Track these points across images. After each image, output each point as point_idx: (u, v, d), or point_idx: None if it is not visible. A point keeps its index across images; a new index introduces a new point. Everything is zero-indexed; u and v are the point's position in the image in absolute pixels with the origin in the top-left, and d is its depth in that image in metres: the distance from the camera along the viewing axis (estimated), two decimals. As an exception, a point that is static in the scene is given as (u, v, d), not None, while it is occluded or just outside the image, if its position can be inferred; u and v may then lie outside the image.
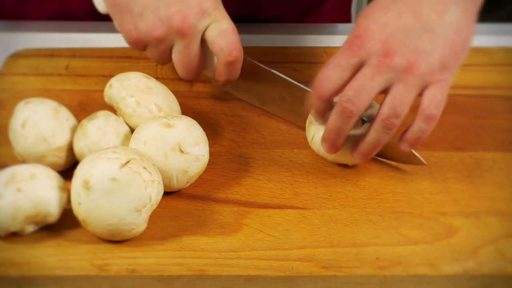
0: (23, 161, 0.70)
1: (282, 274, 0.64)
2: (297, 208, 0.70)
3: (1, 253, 0.64)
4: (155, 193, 0.65)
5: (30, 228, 0.66)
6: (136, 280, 0.63)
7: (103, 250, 0.65)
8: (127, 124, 0.72)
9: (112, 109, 0.74)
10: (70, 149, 0.70)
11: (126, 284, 0.64)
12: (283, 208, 0.69)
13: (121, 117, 0.73)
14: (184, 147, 0.68)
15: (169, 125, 0.69)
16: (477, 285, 0.65)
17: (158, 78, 0.76)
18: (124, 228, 0.64)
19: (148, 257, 0.64)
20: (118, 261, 0.64)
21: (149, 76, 0.75)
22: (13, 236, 0.65)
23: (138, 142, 0.68)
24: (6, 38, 0.89)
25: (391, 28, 0.65)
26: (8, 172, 0.65)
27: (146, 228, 0.66)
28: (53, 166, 0.69)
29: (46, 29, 0.90)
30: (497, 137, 0.78)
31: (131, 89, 0.73)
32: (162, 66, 0.83)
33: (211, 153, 0.71)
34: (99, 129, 0.70)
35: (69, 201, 0.66)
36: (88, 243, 0.65)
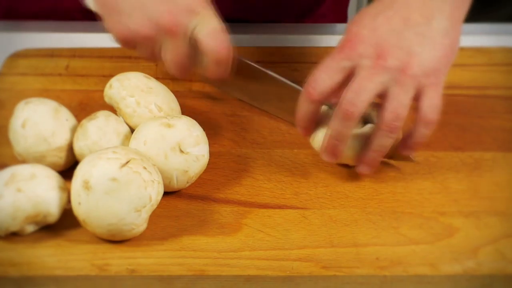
0: (23, 161, 0.70)
1: (282, 274, 0.64)
2: (297, 208, 0.70)
3: (1, 253, 0.64)
4: (155, 193, 0.65)
5: (30, 228, 0.66)
6: (136, 280, 0.63)
7: (103, 250, 0.65)
8: (127, 124, 0.72)
9: (112, 109, 0.73)
10: (70, 149, 0.70)
11: (126, 284, 0.64)
12: (283, 208, 0.69)
13: (121, 117, 0.73)
14: (184, 147, 0.68)
15: (169, 125, 0.69)
16: (477, 285, 0.65)
17: (158, 78, 0.76)
18: (124, 228, 0.64)
19: (148, 257, 0.64)
20: (118, 261, 0.64)
21: (149, 76, 0.75)
22: (13, 236, 0.65)
23: (138, 142, 0.68)
24: (6, 38, 0.89)
25: (381, 32, 0.67)
26: (8, 172, 0.65)
27: (146, 228, 0.66)
28: (53, 166, 0.69)
29: (46, 29, 0.90)
30: (497, 137, 0.78)
31: (131, 89, 0.73)
32: (162, 66, 0.83)
33: (211, 153, 0.71)
34: (99, 129, 0.70)
35: (69, 201, 0.66)
36: (88, 243, 0.65)
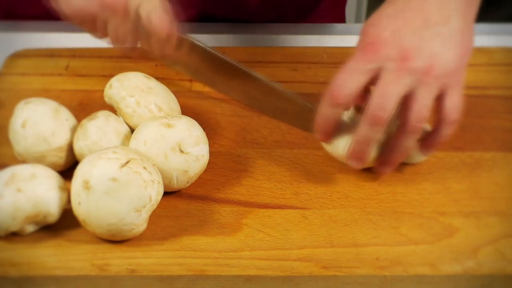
0: (23, 161, 0.70)
1: (282, 274, 0.64)
2: (297, 208, 0.69)
3: (1, 253, 0.64)
4: (155, 193, 0.65)
5: (30, 228, 0.66)
6: (136, 280, 0.63)
7: (103, 250, 0.65)
8: (127, 124, 0.72)
9: (112, 109, 0.73)
10: (70, 149, 0.70)
11: (126, 284, 0.64)
12: (283, 208, 0.69)
13: (121, 117, 0.73)
14: (184, 147, 0.68)
15: (169, 125, 0.69)
16: (477, 285, 0.65)
17: (158, 78, 0.76)
18: (124, 228, 0.64)
19: (148, 257, 0.64)
20: (118, 261, 0.64)
21: (149, 76, 0.75)
22: (13, 236, 0.65)
23: (138, 142, 0.68)
24: (6, 38, 0.89)
25: (403, 34, 0.66)
26: (8, 172, 0.65)
27: (146, 228, 0.66)
28: (53, 166, 0.69)
29: (46, 29, 0.90)
30: (497, 137, 0.78)
31: (131, 89, 0.73)
32: (162, 66, 0.83)
33: (211, 153, 0.71)
34: (99, 129, 0.70)
35: (69, 201, 0.65)
36: (88, 243, 0.65)
